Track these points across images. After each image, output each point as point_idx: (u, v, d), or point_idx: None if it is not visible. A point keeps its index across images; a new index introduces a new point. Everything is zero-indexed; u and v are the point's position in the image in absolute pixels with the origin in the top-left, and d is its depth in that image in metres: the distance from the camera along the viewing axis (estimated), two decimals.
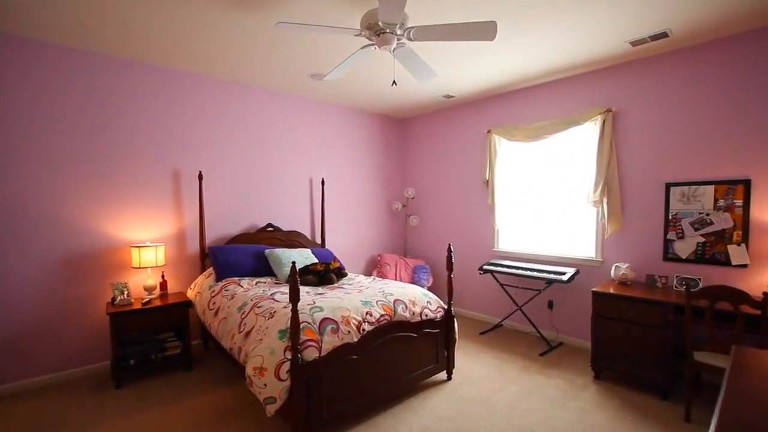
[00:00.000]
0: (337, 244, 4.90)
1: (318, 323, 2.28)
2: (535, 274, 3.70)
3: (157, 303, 3.18)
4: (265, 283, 3.23)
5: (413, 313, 2.80)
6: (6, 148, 2.83)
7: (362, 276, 3.62)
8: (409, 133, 5.62)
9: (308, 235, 4.59)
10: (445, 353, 3.05)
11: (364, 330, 2.46)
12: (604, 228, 3.63)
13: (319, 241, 4.68)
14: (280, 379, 2.05)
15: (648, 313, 2.82)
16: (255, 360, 2.14)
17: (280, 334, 2.18)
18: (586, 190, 3.69)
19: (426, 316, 2.88)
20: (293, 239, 4.24)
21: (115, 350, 2.97)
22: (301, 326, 2.21)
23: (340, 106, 4.87)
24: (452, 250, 3.07)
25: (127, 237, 3.35)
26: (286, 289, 2.97)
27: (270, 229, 4.12)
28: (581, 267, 3.80)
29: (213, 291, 3.11)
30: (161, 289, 3.37)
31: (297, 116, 4.45)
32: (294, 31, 2.16)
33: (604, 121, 3.53)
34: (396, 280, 4.75)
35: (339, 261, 3.82)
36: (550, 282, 3.60)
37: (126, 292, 3.16)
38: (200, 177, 3.63)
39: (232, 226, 3.98)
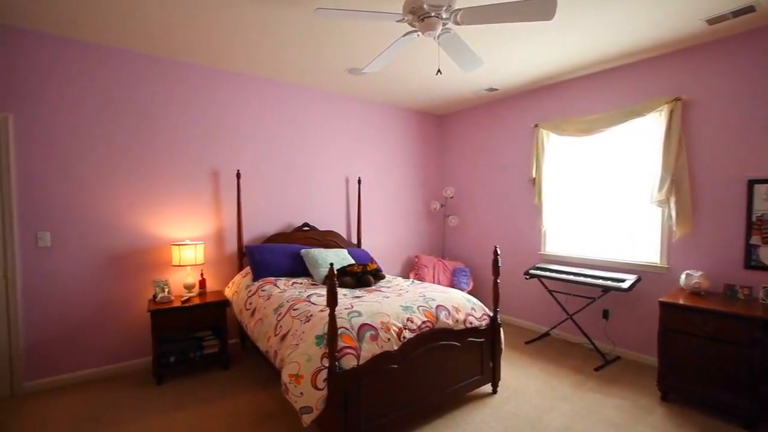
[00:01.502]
0: (373, 245, 4.77)
1: (356, 329, 2.14)
2: (590, 280, 3.38)
3: (196, 301, 3.18)
4: (301, 284, 3.14)
5: (457, 321, 2.60)
6: (59, 151, 2.93)
7: (400, 278, 3.46)
8: (448, 130, 5.39)
9: (344, 235, 4.50)
10: (491, 364, 2.83)
11: (404, 338, 2.30)
12: (670, 230, 3.25)
13: (354, 241, 4.57)
14: (316, 388, 1.93)
15: (731, 329, 2.46)
16: (291, 366, 2.03)
17: (317, 339, 2.07)
18: (649, 188, 3.32)
19: (470, 323, 2.68)
20: (329, 239, 4.16)
21: (156, 347, 2.99)
22: (339, 332, 2.08)
23: (377, 102, 4.74)
24: (499, 253, 2.84)
25: (168, 235, 3.38)
26: (322, 290, 2.87)
27: (306, 228, 4.06)
28: (643, 273, 3.43)
29: (250, 291, 3.07)
30: (200, 288, 3.38)
31: (333, 114, 4.37)
32: (332, 17, 2.03)
33: (671, 112, 3.15)
34: (434, 282, 4.55)
35: (376, 262, 3.68)
36: (607, 290, 3.27)
37: (167, 290, 3.19)
38: (238, 176, 3.62)
39: (269, 226, 3.95)
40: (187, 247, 3.20)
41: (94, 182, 3.07)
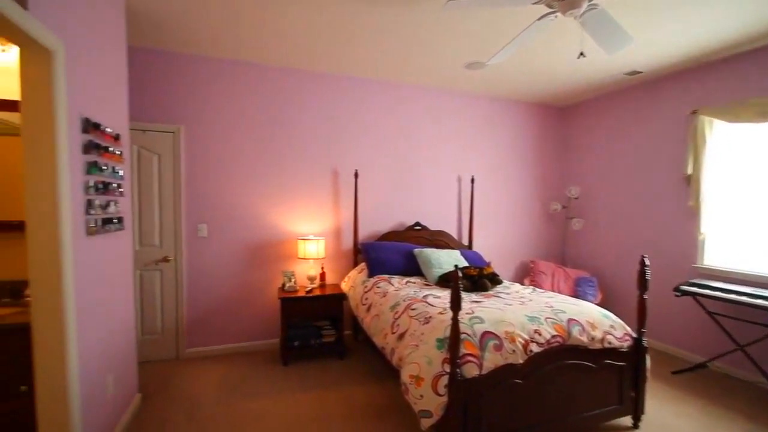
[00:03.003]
0: (485, 247, 4.54)
1: (479, 336, 2.02)
2: None
3: (318, 292, 3.42)
4: (415, 283, 3.13)
5: (592, 338, 2.28)
6: (215, 155, 3.43)
7: (518, 285, 3.20)
8: (572, 123, 4.84)
9: (455, 235, 4.37)
10: (632, 393, 2.41)
11: (531, 351, 2.09)
12: None
13: (465, 242, 4.41)
14: (437, 394, 1.87)
15: None
16: (411, 367, 2.01)
17: (438, 343, 2.00)
18: None
19: (609, 343, 2.32)
20: (439, 239, 4.08)
21: (284, 331, 3.30)
22: (461, 338, 1.98)
23: (492, 97, 4.49)
24: (647, 264, 2.40)
25: (295, 230, 3.71)
26: (438, 291, 2.80)
27: (417, 227, 4.05)
28: None
29: (366, 287, 3.17)
30: (321, 280, 3.62)
31: (447, 111, 4.27)
32: (464, 7, 1.93)
33: None
34: (553, 291, 4.12)
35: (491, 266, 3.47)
36: None
37: (293, 280, 3.50)
38: (356, 175, 3.79)
39: (382, 224, 4.05)
40: (311, 241, 3.45)
41: (241, 182, 3.53)
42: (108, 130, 2.14)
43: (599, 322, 2.36)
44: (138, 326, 3.26)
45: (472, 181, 4.26)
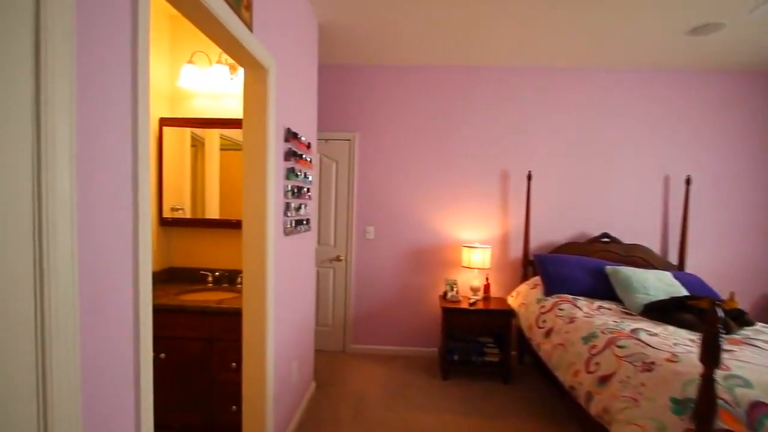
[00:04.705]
0: (701, 268, 3.44)
1: (745, 408, 1.39)
2: None
3: (481, 306, 3.13)
4: (609, 309, 2.52)
5: None
6: (383, 160, 3.53)
7: None
8: None
9: (657, 251, 3.44)
10: None
11: None
12: None
13: (674, 261, 3.42)
14: None
15: None
16: (629, 429, 1.52)
17: (675, 405, 1.46)
18: None
19: None
20: (635, 255, 3.26)
21: (444, 342, 3.13)
22: (716, 404, 1.40)
23: (716, 72, 3.37)
24: None
25: (458, 236, 3.51)
26: (648, 325, 2.16)
27: (605, 239, 3.33)
28: None
29: (543, 307, 2.72)
30: (485, 292, 3.32)
31: (652, 95, 3.40)
32: None
33: None
34: None
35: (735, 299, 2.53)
36: None
37: (455, 289, 3.30)
38: (529, 177, 3.35)
39: (557, 233, 3.48)
40: (476, 250, 3.19)
41: (406, 185, 3.53)
42: (303, 138, 2.34)
43: None
44: (314, 316, 3.59)
45: (687, 182, 3.27)
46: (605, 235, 3.35)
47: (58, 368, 0.74)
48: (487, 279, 3.35)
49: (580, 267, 2.95)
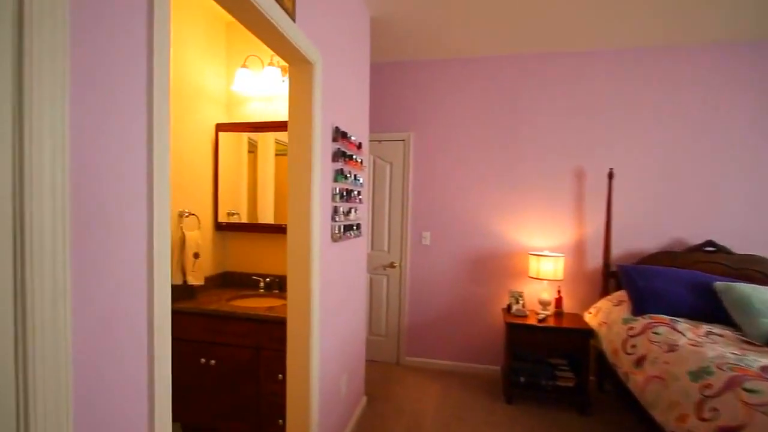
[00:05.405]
0: None
1: None
2: None
3: (552, 322, 2.75)
4: (722, 336, 2.04)
5: None
6: (440, 161, 3.30)
7: None
8: None
9: None
10: None
11: None
12: None
13: None
14: None
15: None
16: None
17: None
18: None
19: None
20: (751, 268, 2.66)
21: (509, 361, 2.80)
22: None
23: None
24: None
25: (525, 243, 3.15)
26: None
27: (709, 249, 2.77)
28: None
29: (631, 329, 2.29)
30: (556, 307, 2.93)
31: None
32: None
33: None
34: None
35: None
36: None
37: (521, 302, 2.96)
38: (610, 176, 2.90)
39: (645, 240, 2.98)
40: (547, 259, 2.82)
41: (465, 186, 3.26)
42: (353, 138, 2.20)
43: None
44: (366, 326, 3.44)
45: None
46: (709, 243, 2.79)
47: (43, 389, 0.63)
48: (558, 292, 2.95)
49: (679, 281, 2.46)
